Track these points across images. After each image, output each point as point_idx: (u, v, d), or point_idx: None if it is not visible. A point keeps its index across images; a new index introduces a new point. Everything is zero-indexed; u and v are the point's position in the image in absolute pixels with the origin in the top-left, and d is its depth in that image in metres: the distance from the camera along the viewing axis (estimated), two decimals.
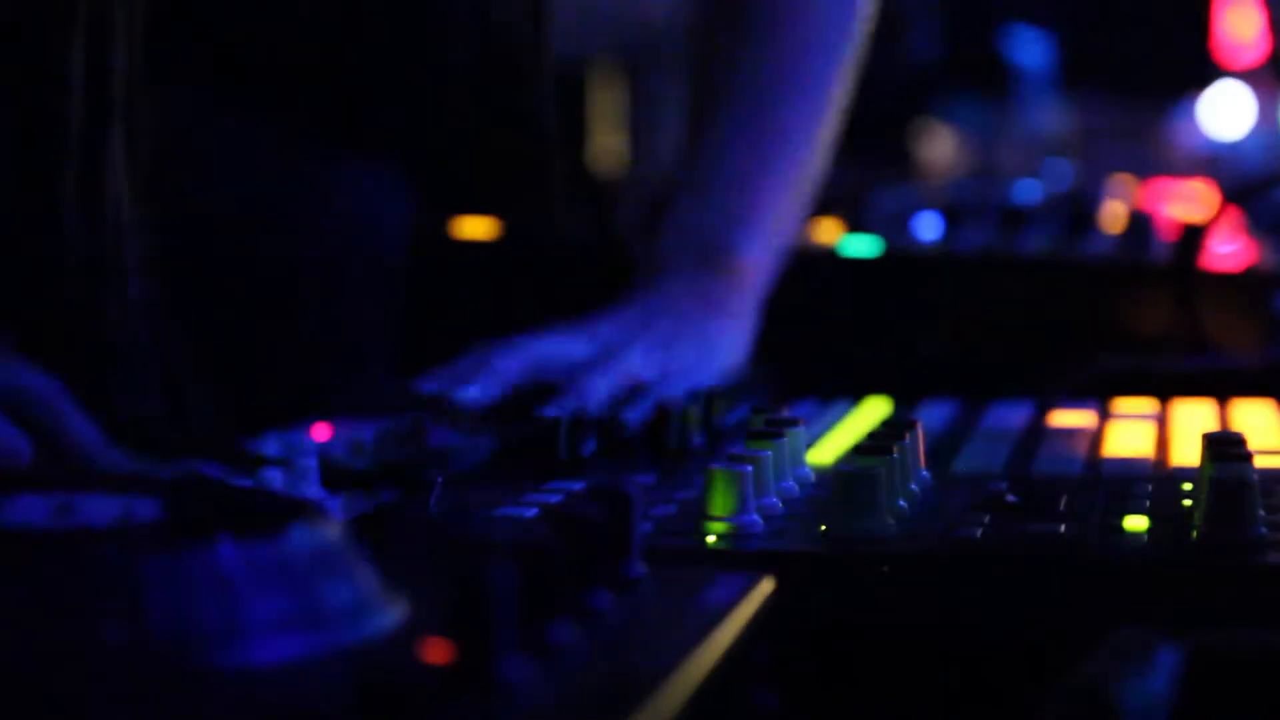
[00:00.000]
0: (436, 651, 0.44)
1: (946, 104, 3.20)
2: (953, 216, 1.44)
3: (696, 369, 0.93)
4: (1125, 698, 0.44)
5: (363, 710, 0.40)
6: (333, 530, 0.50)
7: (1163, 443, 0.84)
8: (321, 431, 0.81)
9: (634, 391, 0.88)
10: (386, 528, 0.66)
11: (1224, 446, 0.67)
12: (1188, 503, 0.68)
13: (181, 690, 0.42)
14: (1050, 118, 3.24)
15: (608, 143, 2.62)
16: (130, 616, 0.43)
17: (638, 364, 0.90)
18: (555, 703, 0.43)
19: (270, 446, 0.76)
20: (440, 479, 0.70)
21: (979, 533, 0.64)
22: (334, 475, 0.73)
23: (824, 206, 1.47)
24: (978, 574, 0.60)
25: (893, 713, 0.60)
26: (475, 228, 1.14)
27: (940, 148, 3.15)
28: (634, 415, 0.84)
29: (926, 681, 0.60)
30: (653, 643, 0.49)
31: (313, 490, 0.71)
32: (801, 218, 1.09)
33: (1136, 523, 0.65)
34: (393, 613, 0.48)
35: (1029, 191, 1.58)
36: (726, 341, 0.99)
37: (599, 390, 0.86)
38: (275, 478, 0.71)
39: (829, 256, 1.18)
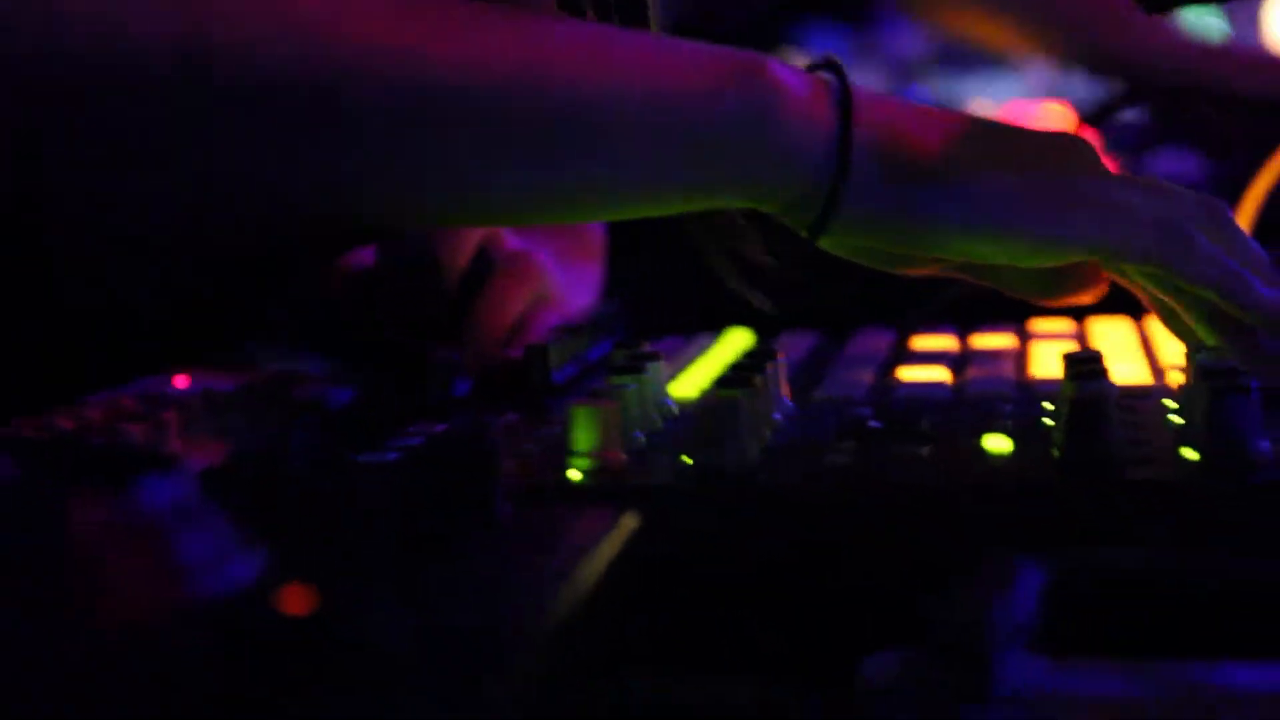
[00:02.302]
0: (298, 603, 0.43)
1: (804, 34, 3.20)
2: None
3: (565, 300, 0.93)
4: (993, 619, 0.44)
5: (223, 664, 0.39)
6: (188, 482, 0.49)
7: (1023, 363, 0.85)
8: (182, 381, 0.79)
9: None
10: (245, 478, 0.65)
11: (1082, 364, 0.67)
12: (1049, 421, 0.68)
13: (36, 653, 0.41)
14: (913, 44, 3.25)
15: None
16: None
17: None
18: (423, 649, 0.43)
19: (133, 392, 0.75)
20: (301, 428, 0.69)
21: (842, 459, 0.64)
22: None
23: None
24: (842, 500, 0.61)
25: (759, 643, 0.60)
26: None
27: None
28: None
29: (793, 611, 0.60)
30: (520, 581, 0.49)
31: (173, 443, 0.70)
32: None
33: (999, 443, 0.65)
34: (252, 565, 0.48)
35: None
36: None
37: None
38: (132, 431, 0.70)
39: None
